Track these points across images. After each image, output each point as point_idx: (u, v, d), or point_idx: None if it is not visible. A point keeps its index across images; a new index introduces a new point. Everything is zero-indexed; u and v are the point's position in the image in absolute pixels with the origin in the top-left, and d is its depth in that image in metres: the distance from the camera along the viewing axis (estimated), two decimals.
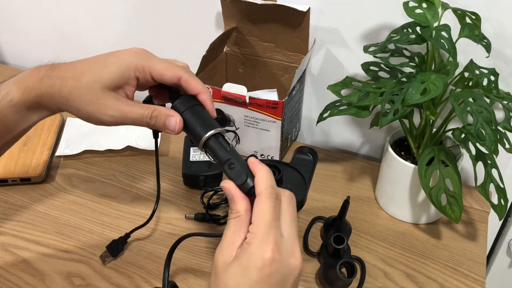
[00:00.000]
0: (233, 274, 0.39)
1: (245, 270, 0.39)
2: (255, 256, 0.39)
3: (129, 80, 0.51)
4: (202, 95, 0.52)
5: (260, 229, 0.40)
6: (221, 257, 0.41)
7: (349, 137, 0.92)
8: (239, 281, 0.39)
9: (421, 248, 0.71)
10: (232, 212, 0.43)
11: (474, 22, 0.66)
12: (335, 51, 0.83)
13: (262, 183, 0.43)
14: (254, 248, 0.40)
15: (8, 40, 1.16)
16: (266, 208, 0.41)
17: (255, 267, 0.39)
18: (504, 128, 0.63)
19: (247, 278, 0.39)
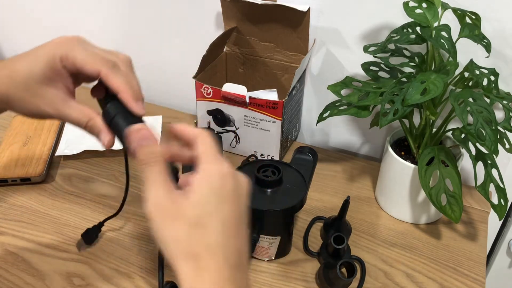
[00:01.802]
0: (200, 201, 0.39)
1: (211, 192, 0.39)
2: (218, 174, 0.40)
3: (59, 71, 0.48)
4: (122, 94, 0.48)
5: (212, 153, 0.41)
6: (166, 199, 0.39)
7: (349, 137, 0.92)
8: (210, 204, 0.39)
9: (421, 248, 0.71)
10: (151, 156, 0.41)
11: (474, 22, 0.66)
12: (335, 51, 0.83)
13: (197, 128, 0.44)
14: (214, 168, 0.40)
15: (8, 40, 1.16)
16: (210, 140, 0.42)
17: (220, 184, 0.40)
18: (504, 128, 0.63)
19: (216, 198, 0.39)
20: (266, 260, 0.69)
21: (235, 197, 0.40)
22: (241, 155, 0.87)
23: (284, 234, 0.67)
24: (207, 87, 0.81)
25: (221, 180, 0.40)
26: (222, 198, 0.39)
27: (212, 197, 0.39)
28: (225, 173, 0.40)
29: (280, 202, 0.63)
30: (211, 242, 0.38)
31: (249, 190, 0.43)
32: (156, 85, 1.05)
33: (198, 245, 0.38)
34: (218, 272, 0.37)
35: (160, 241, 0.39)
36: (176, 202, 0.39)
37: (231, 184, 0.40)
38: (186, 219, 0.38)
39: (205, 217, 0.38)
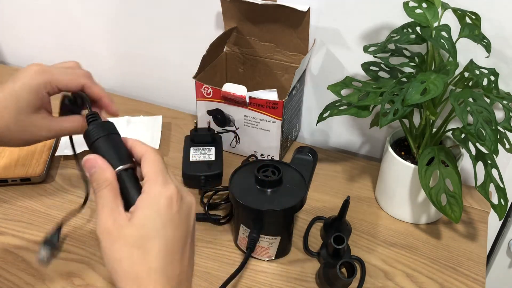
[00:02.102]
0: (143, 224, 0.40)
1: (155, 214, 0.40)
2: (162, 196, 0.41)
3: (43, 98, 0.52)
4: (103, 99, 0.54)
5: (158, 174, 0.42)
6: (111, 221, 0.40)
7: (349, 137, 0.92)
8: (153, 227, 0.40)
9: (421, 248, 0.71)
10: (100, 182, 0.42)
11: (474, 22, 0.66)
12: (335, 51, 0.83)
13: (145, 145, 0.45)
14: (158, 190, 0.41)
15: (8, 40, 1.16)
16: (157, 158, 0.44)
17: (164, 207, 0.40)
18: (504, 128, 0.63)
19: (159, 221, 0.40)
20: (266, 260, 0.69)
21: (180, 220, 0.41)
22: (241, 155, 0.87)
23: (284, 234, 0.67)
24: (207, 87, 0.81)
25: (165, 202, 0.41)
26: (165, 222, 0.40)
27: (155, 220, 0.40)
28: (169, 195, 0.41)
29: (280, 202, 0.63)
30: (152, 266, 0.39)
31: (195, 210, 0.44)
32: (156, 85, 1.05)
33: (139, 267, 0.39)
34: None
35: (107, 263, 0.40)
36: (120, 225, 0.40)
37: (176, 206, 0.41)
38: (127, 240, 0.39)
39: (147, 240, 0.39)
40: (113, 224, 0.40)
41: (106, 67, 1.07)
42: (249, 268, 0.67)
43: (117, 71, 1.07)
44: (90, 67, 1.13)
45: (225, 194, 0.78)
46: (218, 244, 0.71)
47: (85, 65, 1.17)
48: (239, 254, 0.70)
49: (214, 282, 0.65)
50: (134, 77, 1.06)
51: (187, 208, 0.43)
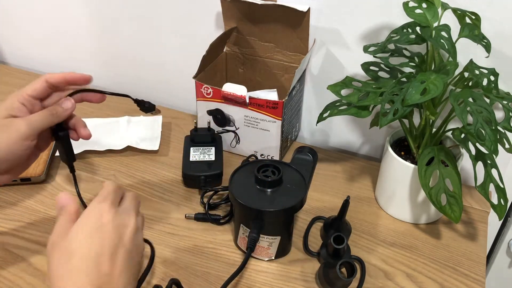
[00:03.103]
0: (77, 232, 0.46)
1: (84, 222, 0.47)
2: (95, 209, 0.48)
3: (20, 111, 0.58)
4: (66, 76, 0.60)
5: (100, 195, 0.50)
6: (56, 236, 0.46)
7: (349, 137, 0.92)
8: (82, 232, 0.46)
9: (421, 248, 0.71)
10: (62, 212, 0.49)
11: (474, 22, 0.66)
12: (335, 51, 0.83)
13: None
14: (93, 204, 0.49)
15: (8, 40, 1.16)
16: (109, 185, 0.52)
17: (94, 216, 0.47)
18: (504, 128, 0.63)
19: (87, 227, 0.46)
20: (266, 260, 0.69)
21: (110, 231, 0.47)
22: (241, 155, 0.88)
23: (284, 234, 0.67)
24: (207, 87, 0.81)
25: (96, 213, 0.48)
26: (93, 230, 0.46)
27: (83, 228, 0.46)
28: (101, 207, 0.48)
29: (280, 202, 0.63)
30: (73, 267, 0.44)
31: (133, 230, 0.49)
32: (156, 85, 1.05)
33: (63, 269, 0.44)
34: None
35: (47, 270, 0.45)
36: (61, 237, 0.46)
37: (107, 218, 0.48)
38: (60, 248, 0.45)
39: (75, 247, 0.45)
40: (56, 237, 0.46)
41: (106, 67, 1.07)
42: (249, 268, 0.67)
43: (117, 71, 1.07)
44: (90, 67, 1.14)
45: (225, 194, 0.78)
46: (218, 244, 0.71)
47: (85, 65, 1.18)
48: (239, 254, 0.70)
49: (214, 282, 0.65)
50: (134, 77, 1.06)
51: (121, 223, 0.48)
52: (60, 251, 0.45)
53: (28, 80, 0.61)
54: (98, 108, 0.99)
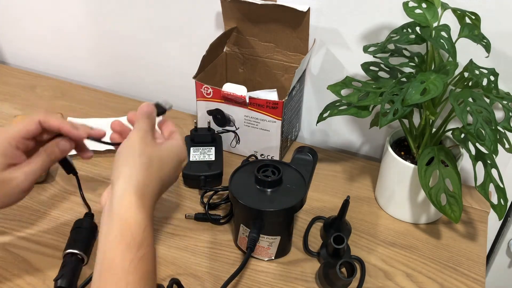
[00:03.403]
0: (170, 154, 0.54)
1: (176, 156, 0.55)
2: (184, 153, 0.57)
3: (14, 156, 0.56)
4: (62, 129, 0.57)
5: (183, 144, 0.57)
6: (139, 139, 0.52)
7: (349, 137, 0.92)
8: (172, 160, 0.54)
9: (421, 248, 0.71)
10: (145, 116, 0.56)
11: (473, 22, 0.66)
12: (335, 51, 0.83)
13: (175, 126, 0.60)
14: (184, 147, 0.57)
15: (8, 40, 1.16)
16: (183, 140, 0.58)
17: (181, 158, 0.56)
18: (504, 128, 0.63)
19: (176, 161, 0.55)
20: (266, 260, 0.69)
21: (178, 173, 0.56)
22: (241, 155, 0.88)
23: (284, 234, 0.67)
24: (207, 87, 0.81)
25: (181, 150, 0.56)
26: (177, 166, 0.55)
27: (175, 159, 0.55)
28: (184, 149, 0.57)
29: (280, 202, 0.63)
30: (160, 177, 0.52)
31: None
32: (156, 85, 1.05)
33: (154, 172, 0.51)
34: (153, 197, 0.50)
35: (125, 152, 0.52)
36: (154, 141, 0.54)
37: (183, 165, 0.57)
38: (155, 151, 0.52)
39: (165, 164, 0.53)
40: (151, 138, 0.53)
41: (106, 67, 1.07)
42: (249, 268, 0.67)
43: (117, 71, 1.07)
44: (90, 67, 1.14)
45: (225, 194, 0.78)
46: (218, 244, 0.71)
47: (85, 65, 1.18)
48: (239, 254, 0.70)
49: (214, 282, 0.65)
50: (134, 77, 1.06)
51: (179, 168, 0.57)
52: (153, 153, 0.52)
53: (28, 80, 0.61)
54: (98, 108, 0.99)
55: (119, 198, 0.47)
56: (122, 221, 0.46)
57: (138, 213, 0.47)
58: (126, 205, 0.47)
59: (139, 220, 0.47)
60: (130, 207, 0.47)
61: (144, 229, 0.47)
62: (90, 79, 1.11)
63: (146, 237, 0.46)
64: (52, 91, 1.05)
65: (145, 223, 0.47)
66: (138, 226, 0.46)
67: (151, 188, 0.50)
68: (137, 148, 0.51)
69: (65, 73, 1.12)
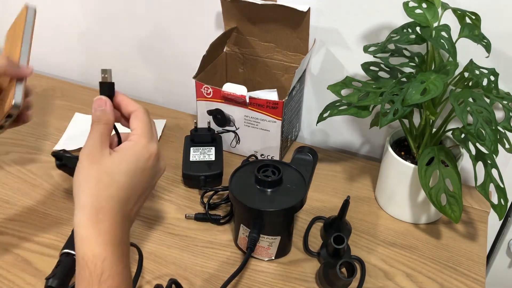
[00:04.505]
0: (121, 160, 0.47)
1: (135, 159, 0.48)
2: (145, 149, 0.48)
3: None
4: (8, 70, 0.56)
5: (147, 131, 0.49)
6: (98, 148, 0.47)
7: (349, 137, 0.92)
8: (128, 168, 0.47)
9: (421, 248, 0.71)
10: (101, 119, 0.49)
11: (474, 22, 0.66)
12: (335, 51, 0.83)
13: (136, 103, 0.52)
14: (144, 143, 0.49)
15: None
16: (146, 117, 0.51)
17: (143, 157, 0.48)
18: (504, 128, 0.63)
19: (134, 164, 0.48)
20: (266, 260, 0.69)
21: (149, 174, 0.49)
22: (241, 155, 0.88)
23: (284, 234, 0.67)
24: (207, 87, 0.81)
25: (145, 155, 0.48)
26: (139, 169, 0.48)
27: (132, 163, 0.47)
28: (151, 151, 0.49)
29: (280, 202, 0.63)
30: (113, 193, 0.46)
31: (162, 174, 0.52)
32: (156, 85, 1.05)
33: (103, 190, 0.45)
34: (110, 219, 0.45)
35: (76, 180, 0.46)
36: (103, 153, 0.47)
37: (152, 162, 0.49)
38: (103, 166, 0.46)
39: (119, 174, 0.46)
40: (98, 151, 0.47)
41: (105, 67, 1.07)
42: (249, 268, 0.67)
43: (117, 71, 1.07)
44: (90, 67, 1.14)
45: (225, 194, 0.78)
46: (218, 244, 0.71)
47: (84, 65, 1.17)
48: (239, 254, 0.70)
49: (214, 282, 0.65)
50: (134, 77, 1.06)
51: (158, 170, 0.51)
52: (100, 171, 0.46)
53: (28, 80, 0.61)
54: None
55: (75, 234, 0.45)
56: (79, 258, 0.44)
57: (94, 246, 0.44)
58: (81, 241, 0.44)
59: (96, 253, 0.44)
60: (83, 242, 0.44)
61: (103, 260, 0.43)
62: (90, 79, 1.11)
63: (106, 269, 0.43)
64: (52, 91, 1.05)
65: (103, 254, 0.44)
66: (97, 258, 0.43)
67: (107, 210, 0.45)
68: (84, 170, 0.46)
69: (65, 73, 1.12)
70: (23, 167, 0.83)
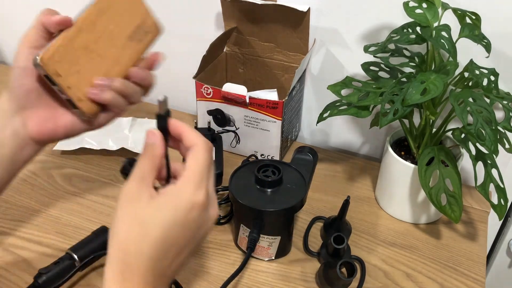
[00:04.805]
0: (159, 211, 0.40)
1: (174, 209, 0.40)
2: (188, 199, 0.40)
3: None
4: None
5: (196, 175, 0.41)
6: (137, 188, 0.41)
7: (349, 137, 0.92)
8: (164, 219, 0.40)
9: (421, 248, 0.71)
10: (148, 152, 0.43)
11: (474, 22, 0.66)
12: (335, 51, 0.83)
13: (198, 136, 0.44)
14: (189, 191, 0.41)
15: (8, 40, 1.16)
16: (204, 156, 0.42)
17: (184, 208, 0.40)
18: (504, 128, 0.63)
19: (173, 218, 0.40)
20: (266, 260, 0.69)
21: (191, 228, 0.41)
22: (241, 155, 0.87)
23: (284, 234, 0.67)
24: (207, 87, 0.81)
25: (187, 206, 0.40)
26: (178, 222, 0.40)
27: (170, 214, 0.40)
28: (195, 201, 0.41)
29: (280, 202, 0.63)
30: (144, 249, 0.39)
31: (212, 225, 0.44)
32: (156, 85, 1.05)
33: (133, 243, 0.39)
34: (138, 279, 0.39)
35: (112, 223, 0.41)
36: (141, 196, 0.41)
37: (195, 214, 0.41)
38: (137, 213, 0.40)
39: (154, 226, 0.40)
40: (137, 191, 0.41)
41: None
42: (249, 268, 0.67)
43: None
44: None
45: (225, 194, 0.78)
46: (218, 244, 0.71)
47: None
48: (239, 254, 0.70)
49: (214, 282, 0.65)
50: None
51: (204, 221, 0.42)
52: (133, 217, 0.40)
53: None
54: None
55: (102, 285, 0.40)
56: None
57: None
58: None
59: None
60: None
61: None
62: None
63: None
64: None
65: None
66: None
67: (135, 268, 0.39)
68: (118, 212, 0.41)
69: None
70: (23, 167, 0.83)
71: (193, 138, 0.44)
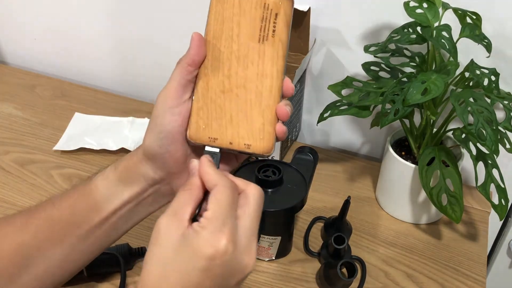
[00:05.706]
0: (178, 255, 0.38)
1: (193, 255, 0.37)
2: (207, 243, 0.37)
3: None
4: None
5: (216, 217, 0.38)
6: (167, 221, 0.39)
7: (350, 137, 0.92)
8: (183, 265, 0.37)
9: (421, 248, 0.71)
10: (188, 184, 0.42)
11: (474, 22, 0.66)
12: (336, 51, 0.83)
13: (219, 176, 0.41)
14: (208, 234, 0.38)
15: (8, 40, 1.16)
16: (224, 197, 0.39)
17: (204, 255, 0.37)
18: (505, 128, 0.63)
19: (192, 264, 0.37)
20: (266, 260, 0.68)
21: (217, 277, 0.38)
22: None
23: (285, 234, 0.67)
24: None
25: (207, 253, 0.37)
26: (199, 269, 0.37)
27: (188, 260, 0.38)
28: (216, 250, 0.37)
29: (280, 202, 0.63)
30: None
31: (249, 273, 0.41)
32: (156, 85, 1.05)
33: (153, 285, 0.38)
34: None
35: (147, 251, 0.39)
36: (167, 235, 0.39)
37: (219, 263, 0.38)
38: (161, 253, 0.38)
39: (169, 269, 0.38)
40: (165, 227, 0.39)
41: (106, 67, 1.07)
42: None
43: (118, 71, 1.07)
44: (90, 67, 1.14)
45: None
46: None
47: (86, 65, 1.17)
48: None
49: None
50: (135, 77, 1.06)
51: (235, 270, 0.39)
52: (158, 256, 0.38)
53: (28, 80, 0.61)
54: (98, 108, 0.99)
55: None
56: None
57: None
58: None
59: None
60: None
61: None
62: (89, 79, 1.11)
63: None
64: (52, 90, 1.04)
65: None
66: None
67: None
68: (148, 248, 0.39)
69: (64, 73, 1.12)
70: (23, 167, 0.83)
71: (213, 180, 0.41)
